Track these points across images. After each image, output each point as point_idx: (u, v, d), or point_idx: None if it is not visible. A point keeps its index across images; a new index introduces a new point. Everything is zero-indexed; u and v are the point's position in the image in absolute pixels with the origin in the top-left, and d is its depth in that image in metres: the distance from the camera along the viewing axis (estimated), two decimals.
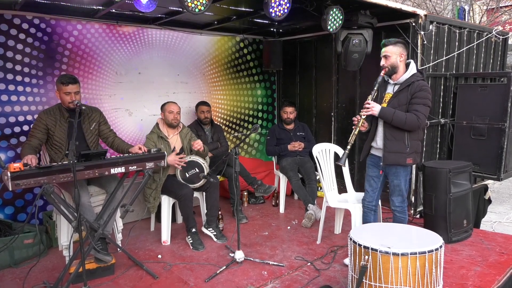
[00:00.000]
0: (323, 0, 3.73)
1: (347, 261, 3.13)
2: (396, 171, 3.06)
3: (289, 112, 4.76)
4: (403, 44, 3.01)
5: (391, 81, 3.08)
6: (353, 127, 3.03)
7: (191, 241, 3.66)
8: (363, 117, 2.99)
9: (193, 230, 3.69)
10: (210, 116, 4.73)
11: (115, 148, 3.48)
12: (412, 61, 3.06)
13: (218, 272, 3.12)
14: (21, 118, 3.88)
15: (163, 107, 3.93)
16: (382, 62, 3.01)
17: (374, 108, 2.95)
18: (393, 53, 2.97)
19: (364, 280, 2.35)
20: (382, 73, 3.00)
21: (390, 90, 3.08)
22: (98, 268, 3.06)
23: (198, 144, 3.75)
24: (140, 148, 3.25)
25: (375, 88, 3.01)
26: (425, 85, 2.96)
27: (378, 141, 3.10)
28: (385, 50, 3.00)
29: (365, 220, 3.28)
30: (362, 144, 3.34)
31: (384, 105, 3.04)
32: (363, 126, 3.07)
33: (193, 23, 4.87)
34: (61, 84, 3.16)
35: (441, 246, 2.33)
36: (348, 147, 2.99)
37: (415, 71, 3.02)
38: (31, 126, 3.29)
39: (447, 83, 4.54)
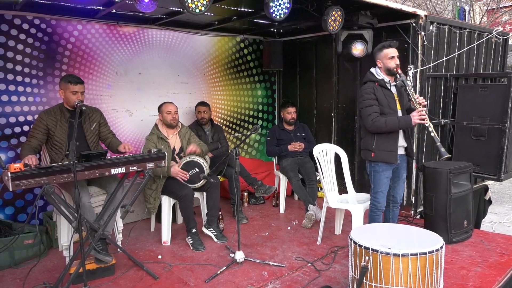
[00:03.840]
0: (324, 0, 3.73)
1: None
2: (404, 165, 3.31)
3: (293, 112, 4.78)
4: None
5: (391, 82, 3.17)
6: (426, 125, 2.99)
7: (191, 241, 3.65)
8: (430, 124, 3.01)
9: (194, 230, 3.69)
10: (208, 116, 4.72)
11: (110, 148, 3.50)
12: None
13: (218, 272, 3.12)
14: (21, 119, 3.88)
15: (160, 108, 3.93)
16: (397, 61, 3.10)
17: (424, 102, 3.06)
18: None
19: (364, 280, 2.35)
20: (400, 72, 3.08)
21: (393, 90, 3.19)
22: (99, 269, 3.06)
23: (190, 149, 3.78)
24: (124, 147, 3.31)
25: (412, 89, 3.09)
26: None
27: (401, 140, 3.18)
28: (395, 50, 3.10)
29: (376, 222, 3.28)
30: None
31: (398, 105, 3.17)
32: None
33: (194, 24, 4.87)
34: (69, 83, 3.16)
35: (441, 247, 2.32)
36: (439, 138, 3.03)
37: None
38: (32, 126, 3.29)
39: (448, 83, 4.54)
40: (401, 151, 3.23)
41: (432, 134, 2.97)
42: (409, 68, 4.16)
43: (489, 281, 2.89)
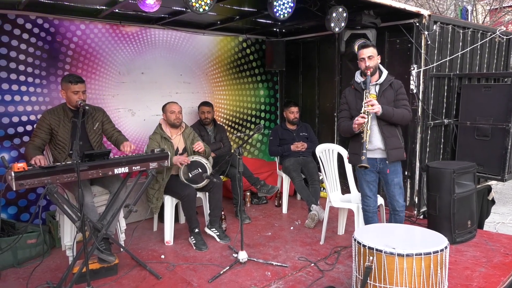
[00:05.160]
0: (327, 0, 3.72)
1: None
2: (395, 169, 3.14)
3: (296, 112, 4.76)
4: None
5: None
6: (360, 127, 2.95)
7: (194, 241, 3.65)
8: (371, 115, 2.94)
9: (196, 230, 3.68)
10: (212, 116, 4.71)
11: (116, 145, 3.48)
12: None
13: (221, 272, 3.11)
14: (24, 118, 3.88)
15: (164, 107, 3.92)
16: (368, 63, 3.02)
17: (378, 106, 2.94)
18: (375, 54, 3.07)
19: (368, 281, 2.34)
20: (368, 74, 3.01)
21: (372, 91, 3.09)
22: (102, 268, 3.06)
23: (198, 145, 3.78)
24: (123, 147, 3.26)
25: (369, 88, 3.03)
26: (401, 83, 3.16)
27: (375, 142, 3.04)
28: (369, 51, 3.05)
29: (370, 223, 3.26)
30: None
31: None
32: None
33: (196, 23, 4.86)
34: (69, 83, 3.16)
35: (446, 247, 2.32)
36: (367, 146, 2.92)
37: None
38: (35, 126, 3.28)
39: (451, 83, 4.52)
40: (378, 155, 3.10)
41: (362, 140, 2.92)
42: (412, 68, 4.16)
43: (493, 282, 2.88)
